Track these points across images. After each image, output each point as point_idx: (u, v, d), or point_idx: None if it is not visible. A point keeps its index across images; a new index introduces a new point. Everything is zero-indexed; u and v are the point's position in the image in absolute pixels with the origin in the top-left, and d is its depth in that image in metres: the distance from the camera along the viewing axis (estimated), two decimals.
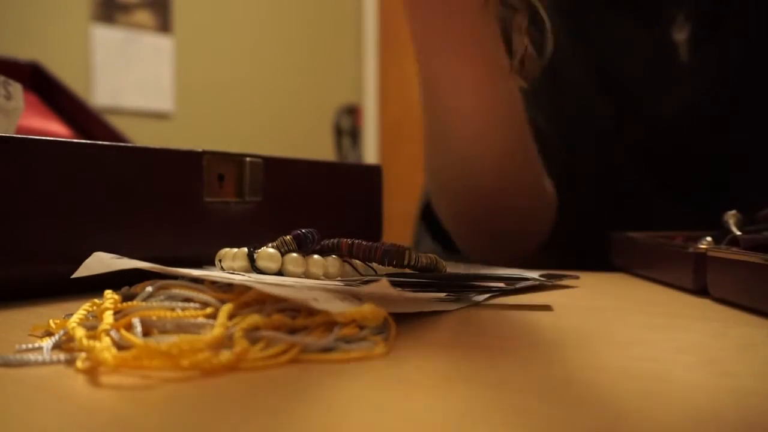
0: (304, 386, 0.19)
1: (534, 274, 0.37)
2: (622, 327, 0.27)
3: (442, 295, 0.31)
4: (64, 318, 0.26)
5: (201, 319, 0.22)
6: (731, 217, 0.42)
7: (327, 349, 0.22)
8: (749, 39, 0.55)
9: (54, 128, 0.69)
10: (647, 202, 0.57)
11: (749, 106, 0.56)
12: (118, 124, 0.83)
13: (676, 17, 0.56)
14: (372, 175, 0.54)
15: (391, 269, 0.35)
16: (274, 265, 0.32)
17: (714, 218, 0.53)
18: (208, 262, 0.35)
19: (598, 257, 0.57)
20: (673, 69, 0.56)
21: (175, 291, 0.24)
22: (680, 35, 0.56)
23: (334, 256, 0.34)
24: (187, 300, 0.24)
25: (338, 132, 3.04)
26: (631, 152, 0.58)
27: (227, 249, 0.34)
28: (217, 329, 0.21)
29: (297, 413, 0.16)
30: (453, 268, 0.40)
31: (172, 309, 0.23)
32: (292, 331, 0.22)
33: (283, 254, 0.33)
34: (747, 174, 0.56)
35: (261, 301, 0.24)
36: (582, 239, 0.59)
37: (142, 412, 0.16)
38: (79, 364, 0.20)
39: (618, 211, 0.58)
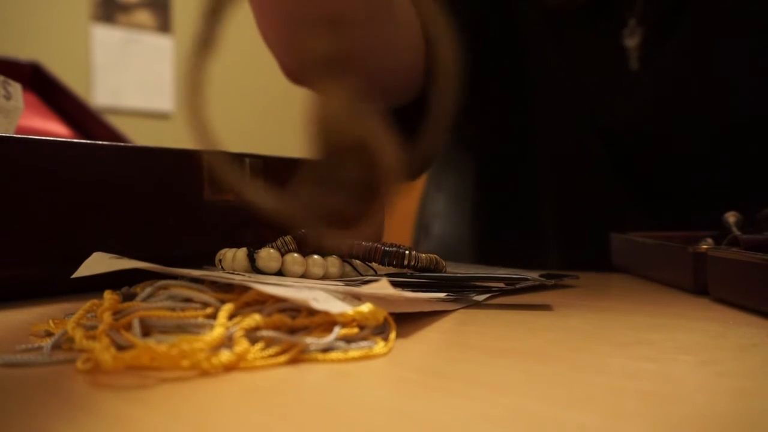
0: (304, 386, 0.19)
1: (534, 274, 0.37)
2: (622, 327, 0.27)
3: (442, 295, 0.31)
4: (64, 318, 0.26)
5: (201, 319, 0.22)
6: (731, 217, 0.42)
7: (327, 349, 0.22)
8: (700, 44, 0.54)
9: (54, 128, 0.69)
10: (605, 206, 0.57)
11: (701, 113, 0.55)
12: (118, 124, 0.83)
13: (627, 21, 0.55)
14: None
15: (391, 269, 0.35)
16: (274, 265, 0.32)
17: (673, 220, 0.53)
18: (208, 261, 0.35)
19: (561, 257, 0.57)
20: (624, 75, 0.55)
21: (175, 291, 0.24)
22: (631, 41, 0.55)
23: (334, 256, 0.34)
24: (187, 300, 0.24)
25: None
26: (590, 157, 0.57)
27: (227, 249, 0.34)
28: (217, 329, 0.21)
29: (297, 413, 0.16)
30: (453, 268, 0.40)
31: (172, 309, 0.23)
32: (292, 331, 0.23)
33: (283, 254, 0.33)
34: (706, 176, 0.55)
35: (261, 301, 0.24)
36: (543, 240, 0.59)
37: (142, 412, 0.16)
38: (79, 364, 0.20)
39: (578, 214, 0.58)
